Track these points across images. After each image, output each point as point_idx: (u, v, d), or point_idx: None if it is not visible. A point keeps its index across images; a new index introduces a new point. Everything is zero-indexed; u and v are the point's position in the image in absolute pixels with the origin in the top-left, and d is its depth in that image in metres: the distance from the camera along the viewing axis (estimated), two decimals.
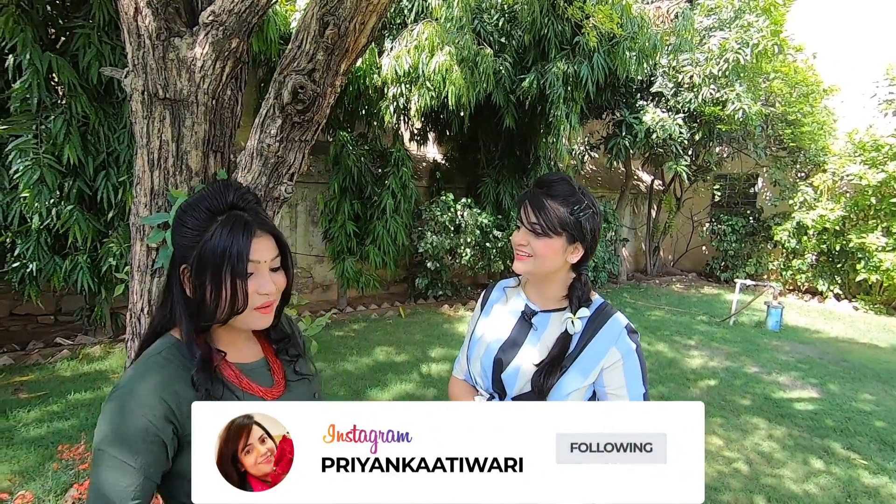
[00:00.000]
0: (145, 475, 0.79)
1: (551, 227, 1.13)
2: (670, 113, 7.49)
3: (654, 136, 7.30)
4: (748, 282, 7.25)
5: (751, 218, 9.53)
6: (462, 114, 6.00)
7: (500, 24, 6.03)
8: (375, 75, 5.45)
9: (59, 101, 3.94)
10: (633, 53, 5.93)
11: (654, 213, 10.12)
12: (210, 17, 1.81)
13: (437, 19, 5.20)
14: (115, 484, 0.78)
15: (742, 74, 6.92)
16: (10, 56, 3.79)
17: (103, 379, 3.87)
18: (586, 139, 8.81)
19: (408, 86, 5.15)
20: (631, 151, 7.85)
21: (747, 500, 2.70)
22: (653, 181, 10.06)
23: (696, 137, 7.70)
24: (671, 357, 5.02)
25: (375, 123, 6.12)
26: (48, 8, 3.92)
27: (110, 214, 4.22)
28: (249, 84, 1.75)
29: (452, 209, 6.43)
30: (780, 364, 4.95)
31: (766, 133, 8.48)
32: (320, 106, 1.76)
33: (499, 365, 1.20)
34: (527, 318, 1.22)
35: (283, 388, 0.97)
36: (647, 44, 5.88)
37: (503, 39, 6.07)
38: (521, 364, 1.18)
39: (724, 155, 9.26)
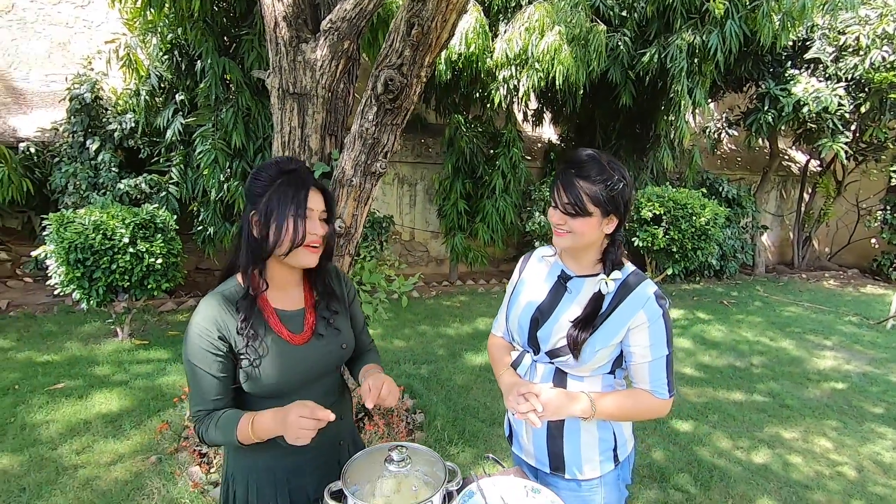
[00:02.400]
0: (218, 378, 1.08)
1: (582, 208, 1.20)
2: (829, 82, 6.50)
3: (805, 109, 6.42)
4: None
5: None
6: (576, 92, 5.94)
7: None
8: (489, 59, 5.67)
9: (229, 96, 4.87)
10: (777, 17, 5.29)
11: (807, 199, 8.87)
12: (328, 25, 2.23)
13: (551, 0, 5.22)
14: (200, 385, 1.08)
15: None
16: (199, 62, 4.79)
17: None
18: (724, 115, 8.03)
19: (518, 67, 5.28)
20: (777, 128, 7.00)
21: (842, 502, 2.51)
22: (808, 162, 8.79)
23: (863, 110, 6.58)
24: (795, 355, 4.56)
25: (489, 105, 6.36)
26: (224, 20, 4.84)
27: None
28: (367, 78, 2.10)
29: None
30: None
31: None
32: (408, 95, 2.08)
33: (535, 323, 1.33)
34: (562, 282, 1.33)
35: (310, 336, 1.18)
36: (794, 4, 5.21)
37: (624, 13, 5.83)
38: (556, 323, 1.30)
39: None
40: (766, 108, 6.70)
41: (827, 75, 6.62)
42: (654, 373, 1.26)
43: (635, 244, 5.68)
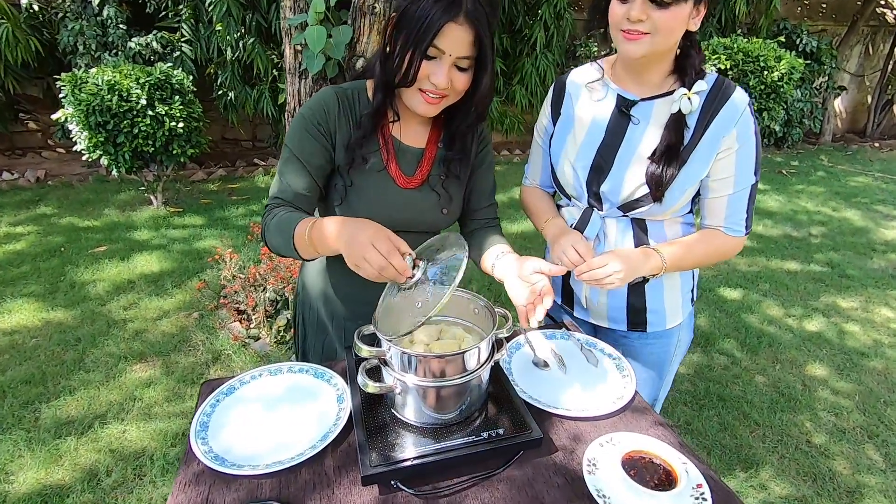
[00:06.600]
0: (308, 170, 0.93)
1: None
2: None
3: None
4: None
5: None
6: None
7: None
8: None
9: None
10: None
11: None
12: None
13: None
14: (286, 171, 0.94)
15: None
16: None
17: None
18: None
19: None
20: None
21: None
22: None
23: None
24: (860, 226, 4.21)
25: None
26: None
27: (282, 47, 4.68)
28: None
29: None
30: None
31: None
32: None
33: (598, 172, 1.06)
34: (624, 111, 1.04)
35: (418, 185, 1.00)
36: None
37: None
38: (626, 169, 1.02)
39: None
40: None
41: None
42: (732, 207, 1.04)
43: None
